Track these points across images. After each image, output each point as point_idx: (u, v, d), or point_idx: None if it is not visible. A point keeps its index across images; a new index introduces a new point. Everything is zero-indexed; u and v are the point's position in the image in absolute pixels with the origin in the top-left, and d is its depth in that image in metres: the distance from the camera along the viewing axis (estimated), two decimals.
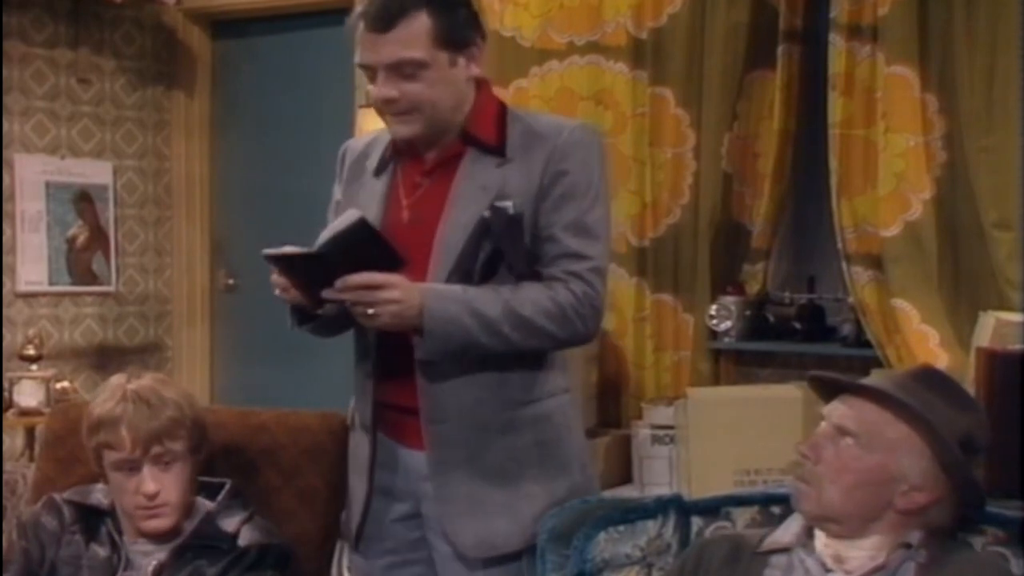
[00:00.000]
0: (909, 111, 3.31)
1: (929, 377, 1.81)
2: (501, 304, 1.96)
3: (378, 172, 2.15)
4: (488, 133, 2.04)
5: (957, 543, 1.79)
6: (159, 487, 2.08)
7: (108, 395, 2.15)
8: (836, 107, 3.38)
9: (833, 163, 3.40)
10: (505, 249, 1.98)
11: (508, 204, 1.98)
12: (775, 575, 1.76)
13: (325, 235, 1.95)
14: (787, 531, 1.80)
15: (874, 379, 1.85)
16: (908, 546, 1.72)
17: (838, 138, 3.39)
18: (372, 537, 2.18)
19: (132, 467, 2.09)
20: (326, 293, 1.94)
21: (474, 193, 2.01)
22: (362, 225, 1.91)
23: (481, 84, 2.08)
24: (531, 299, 1.97)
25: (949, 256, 3.32)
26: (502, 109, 2.09)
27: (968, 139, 3.26)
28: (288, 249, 1.97)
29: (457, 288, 1.97)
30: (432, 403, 2.05)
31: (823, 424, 1.78)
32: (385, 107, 2.06)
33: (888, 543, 1.73)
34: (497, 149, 2.03)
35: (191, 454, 2.14)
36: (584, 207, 2.00)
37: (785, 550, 1.78)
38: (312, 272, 1.95)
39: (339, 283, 1.92)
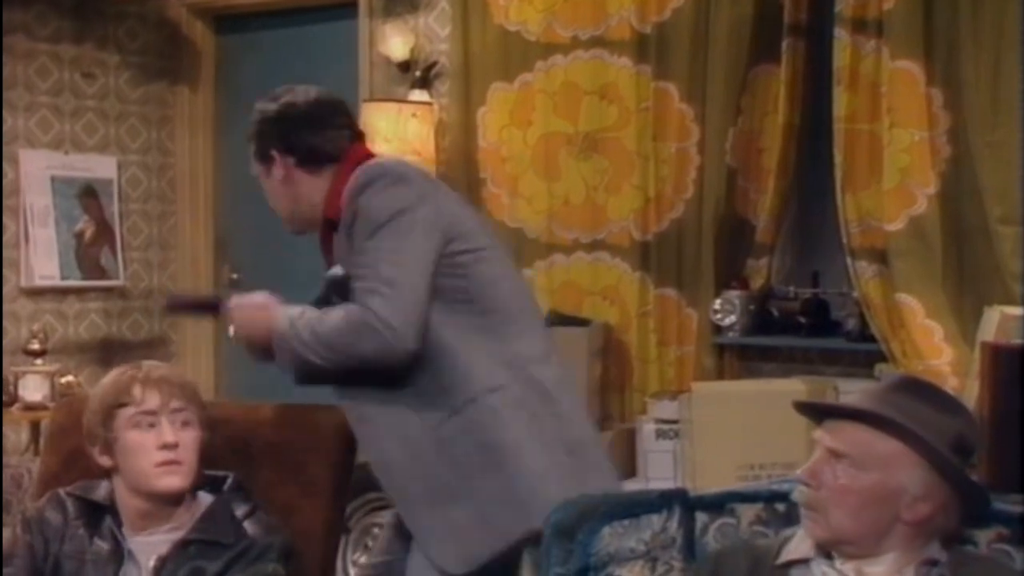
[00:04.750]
0: (914, 106, 3.30)
1: (911, 386, 1.81)
2: (312, 326, 2.18)
3: None
4: (336, 213, 2.27)
5: (973, 553, 1.79)
6: (178, 440, 2.11)
7: (117, 372, 2.19)
8: (841, 102, 3.37)
9: (838, 158, 3.39)
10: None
11: (336, 269, 2.28)
12: None
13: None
14: (803, 542, 1.79)
15: (857, 397, 1.84)
16: (934, 563, 1.72)
17: (843, 133, 3.38)
18: None
19: (150, 422, 2.11)
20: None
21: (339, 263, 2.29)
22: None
23: (341, 167, 2.30)
24: (330, 320, 2.17)
25: (953, 251, 3.31)
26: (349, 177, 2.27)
27: (973, 134, 3.25)
28: None
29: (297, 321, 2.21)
30: (365, 443, 2.24)
31: (817, 450, 1.78)
32: None
33: (908, 559, 1.72)
34: (335, 223, 2.29)
35: (202, 428, 2.16)
36: (365, 236, 2.17)
37: (804, 561, 1.77)
38: None
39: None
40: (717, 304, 3.69)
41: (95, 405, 2.16)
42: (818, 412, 1.83)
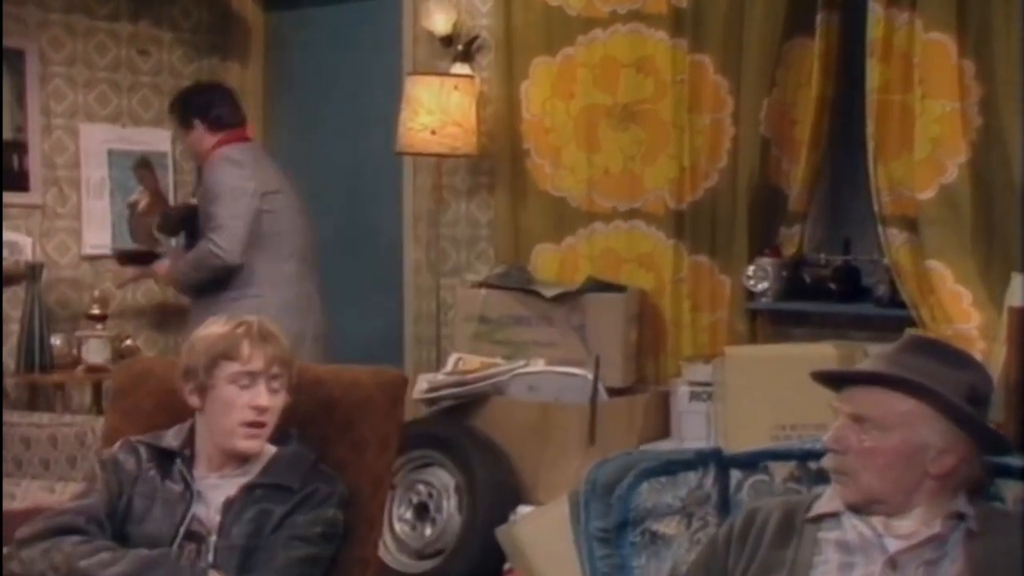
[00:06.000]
0: (946, 77, 3.26)
1: (921, 345, 1.82)
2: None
3: None
4: (203, 160, 3.94)
5: (1000, 509, 1.79)
6: (269, 405, 2.14)
7: (224, 321, 2.20)
8: (874, 73, 3.33)
9: (870, 128, 3.36)
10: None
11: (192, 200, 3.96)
12: (830, 538, 1.76)
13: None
14: (833, 497, 1.80)
15: (870, 362, 1.84)
16: (961, 516, 1.72)
17: (875, 104, 3.35)
18: None
19: (251, 381, 2.13)
20: None
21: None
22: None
23: (228, 135, 3.90)
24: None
25: (983, 218, 3.28)
26: (224, 143, 3.87)
27: (1004, 105, 3.20)
28: None
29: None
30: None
31: (840, 416, 1.78)
32: None
33: (936, 512, 1.73)
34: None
35: (290, 393, 2.19)
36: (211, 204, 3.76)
37: (834, 515, 1.78)
38: None
39: None
40: (750, 271, 3.67)
41: (201, 347, 2.17)
42: (835, 380, 1.83)
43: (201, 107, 3.89)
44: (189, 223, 3.97)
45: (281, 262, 3.86)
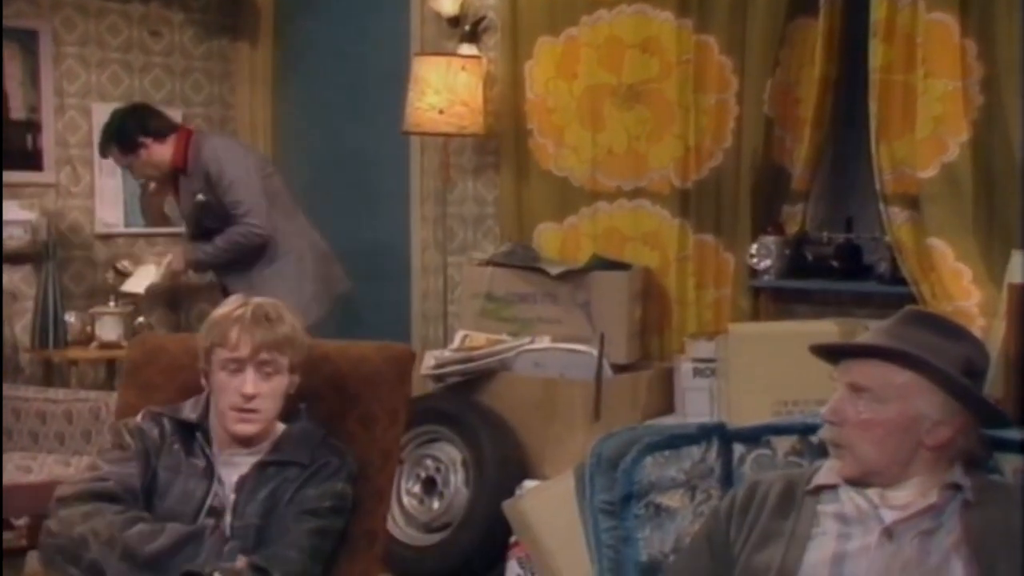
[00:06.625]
0: (948, 57, 3.24)
1: (917, 318, 1.82)
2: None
3: None
4: (180, 163, 4.01)
5: (997, 481, 1.79)
6: (257, 392, 2.13)
7: (232, 304, 2.20)
8: (877, 53, 3.31)
9: (873, 107, 3.34)
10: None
11: (200, 197, 3.99)
12: (828, 510, 1.77)
13: None
14: (830, 471, 1.80)
15: (868, 335, 1.85)
16: (957, 487, 1.72)
17: (878, 83, 3.33)
18: None
19: (237, 368, 2.13)
20: None
21: (188, 194, 4.04)
22: None
23: (180, 137, 4.03)
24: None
25: (984, 196, 3.26)
26: (187, 143, 4.01)
27: (1005, 83, 3.19)
28: None
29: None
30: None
31: (837, 389, 1.78)
32: None
33: (933, 483, 1.73)
34: (183, 170, 4.00)
35: (290, 372, 2.18)
36: (231, 191, 3.94)
37: (833, 487, 1.79)
38: None
39: None
40: (753, 249, 3.67)
41: (202, 335, 2.19)
42: (834, 353, 1.83)
43: (140, 126, 3.94)
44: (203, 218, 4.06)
45: (292, 213, 4.13)
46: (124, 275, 4.39)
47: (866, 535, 1.72)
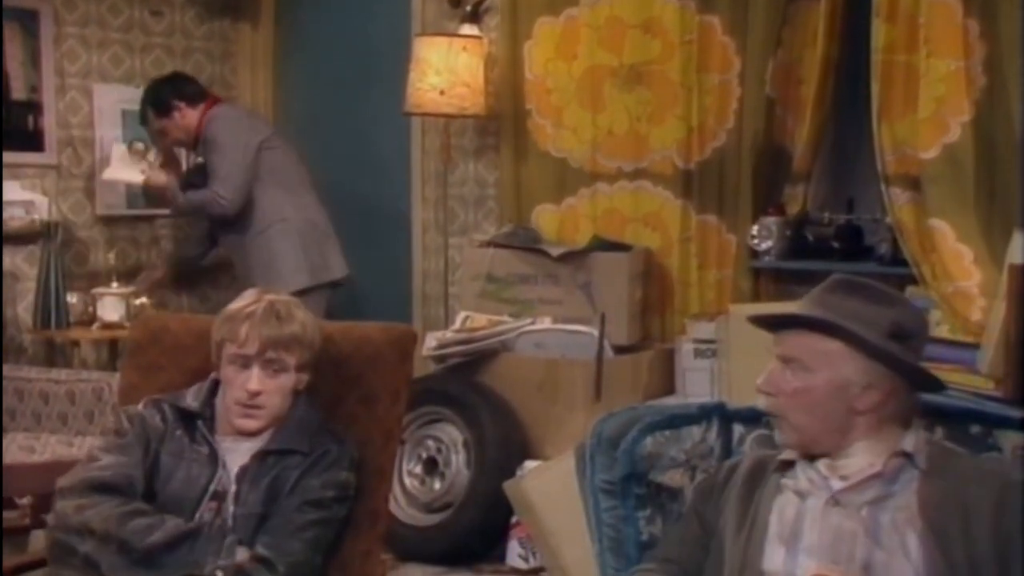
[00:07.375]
0: (951, 37, 3.22)
1: (844, 285, 1.83)
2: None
3: None
4: (200, 129, 4.14)
5: (951, 449, 1.80)
6: (262, 389, 2.13)
7: (247, 298, 2.20)
8: (879, 33, 3.30)
9: (875, 88, 3.33)
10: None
11: (199, 159, 4.20)
12: (788, 485, 1.80)
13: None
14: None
15: (797, 304, 1.86)
16: (906, 455, 1.72)
17: (880, 64, 3.31)
18: None
19: (244, 364, 2.13)
20: None
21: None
22: None
23: (208, 104, 4.19)
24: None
25: (985, 177, 3.25)
26: (209, 110, 4.17)
27: (1007, 63, 3.17)
28: None
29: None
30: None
31: (773, 360, 1.80)
32: None
33: (877, 450, 1.74)
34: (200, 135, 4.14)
35: (297, 370, 2.18)
36: (213, 156, 4.07)
37: (791, 463, 1.82)
38: None
39: None
40: (754, 230, 3.66)
41: (215, 327, 2.20)
42: (771, 324, 1.86)
43: (175, 90, 4.20)
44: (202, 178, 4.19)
45: (296, 188, 4.17)
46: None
47: (816, 507, 1.75)
